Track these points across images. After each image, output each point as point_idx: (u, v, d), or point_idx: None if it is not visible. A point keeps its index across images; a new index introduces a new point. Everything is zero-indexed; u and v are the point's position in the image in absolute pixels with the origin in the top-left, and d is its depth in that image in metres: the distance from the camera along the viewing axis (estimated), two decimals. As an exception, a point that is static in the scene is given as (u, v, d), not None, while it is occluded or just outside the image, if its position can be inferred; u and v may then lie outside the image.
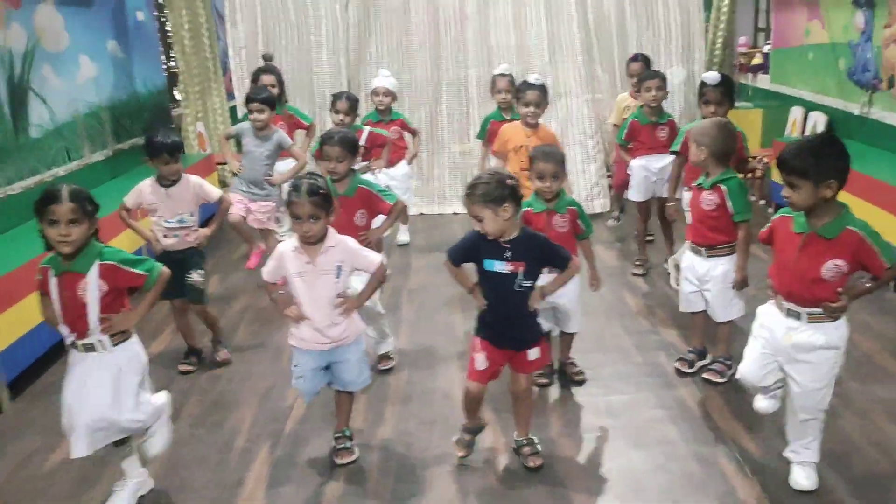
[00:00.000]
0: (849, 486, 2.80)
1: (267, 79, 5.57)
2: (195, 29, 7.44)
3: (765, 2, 7.79)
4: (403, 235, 6.04)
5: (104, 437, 2.77)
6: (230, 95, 7.96)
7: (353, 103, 5.09)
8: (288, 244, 2.97)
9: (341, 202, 3.52)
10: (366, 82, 6.67)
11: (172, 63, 7.63)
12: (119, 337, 2.74)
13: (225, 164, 6.19)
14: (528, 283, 2.86)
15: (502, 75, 5.35)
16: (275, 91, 5.50)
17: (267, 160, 5.06)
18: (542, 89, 4.47)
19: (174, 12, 7.26)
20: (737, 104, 7.52)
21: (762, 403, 2.92)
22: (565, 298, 3.49)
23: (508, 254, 2.82)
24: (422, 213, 6.87)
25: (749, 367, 2.82)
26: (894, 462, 2.94)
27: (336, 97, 5.11)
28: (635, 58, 5.79)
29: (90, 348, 2.72)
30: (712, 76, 4.28)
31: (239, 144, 5.21)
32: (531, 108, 4.42)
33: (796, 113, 6.60)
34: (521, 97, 4.48)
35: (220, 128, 7.58)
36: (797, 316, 2.66)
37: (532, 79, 4.54)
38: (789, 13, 6.77)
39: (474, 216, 2.82)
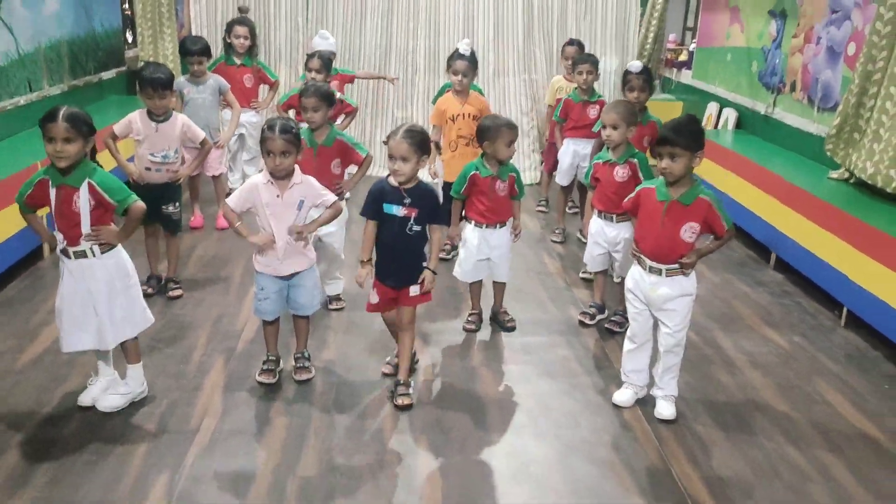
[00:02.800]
0: (710, 413, 3.40)
1: (241, 30, 5.85)
2: (152, -27, 7.59)
3: (694, 3, 8.41)
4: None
5: (92, 339, 3.11)
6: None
7: (327, 62, 5.36)
8: (259, 177, 3.36)
9: (319, 151, 3.94)
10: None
11: (127, 6, 7.76)
12: (106, 246, 3.09)
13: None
14: (417, 228, 3.33)
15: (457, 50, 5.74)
16: (247, 43, 5.82)
17: (209, 106, 5.36)
18: (472, 59, 4.86)
19: (134, -45, 7.39)
20: (661, 96, 8.18)
21: (621, 397, 3.44)
22: (498, 251, 4.03)
23: (407, 200, 3.29)
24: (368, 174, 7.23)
25: (633, 328, 3.39)
26: (748, 395, 3.57)
27: (310, 56, 5.39)
28: (571, 42, 6.28)
29: (81, 255, 3.06)
30: (636, 65, 4.80)
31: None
32: (459, 77, 4.82)
33: (712, 108, 7.24)
34: (451, 66, 4.85)
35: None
36: (658, 272, 3.22)
37: (462, 48, 4.90)
38: (714, 16, 7.40)
39: (400, 156, 3.22)
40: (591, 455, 3.08)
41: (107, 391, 3.26)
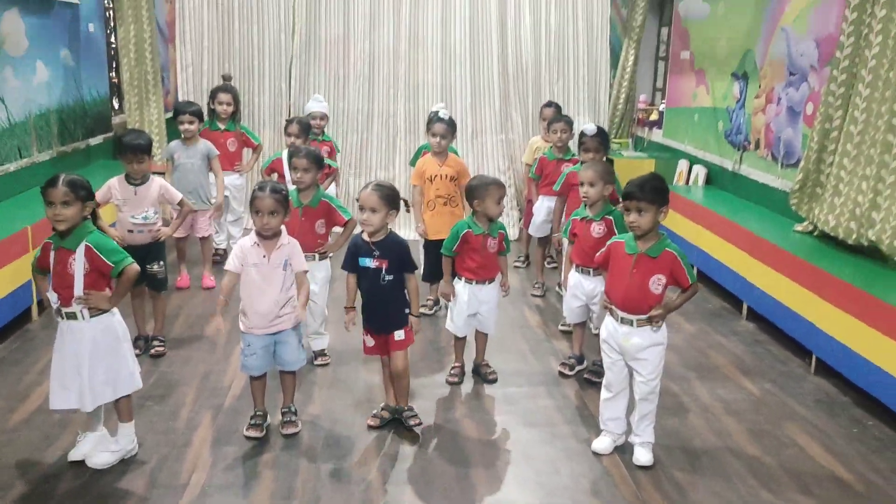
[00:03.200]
0: (686, 458, 3.51)
1: (224, 97, 6.07)
2: (139, 43, 7.83)
3: (663, 66, 8.78)
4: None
5: (76, 398, 3.20)
6: (167, 109, 8.37)
7: (305, 127, 5.57)
8: (247, 240, 3.51)
9: (305, 211, 4.11)
10: (304, 106, 7.21)
11: (114, 74, 7.99)
12: (95, 311, 3.20)
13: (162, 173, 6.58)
14: (389, 277, 3.54)
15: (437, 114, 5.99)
16: (230, 109, 6.03)
17: (199, 170, 5.54)
18: (450, 123, 5.12)
19: (123, 26, 7.64)
20: (634, 154, 8.48)
21: (600, 445, 3.56)
22: (486, 306, 4.19)
23: (376, 252, 3.53)
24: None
25: (608, 377, 3.53)
26: (722, 441, 3.69)
27: (289, 122, 5.62)
28: (549, 104, 6.55)
29: (72, 316, 3.17)
30: (590, 128, 5.02)
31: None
32: (437, 139, 5.04)
33: (683, 165, 7.52)
34: (430, 128, 5.10)
35: (156, 138, 7.94)
36: (630, 323, 3.37)
37: (441, 113, 5.17)
38: (681, 78, 7.74)
39: (369, 207, 3.46)
40: (571, 500, 3.18)
41: (97, 448, 3.32)
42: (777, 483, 3.33)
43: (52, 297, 3.18)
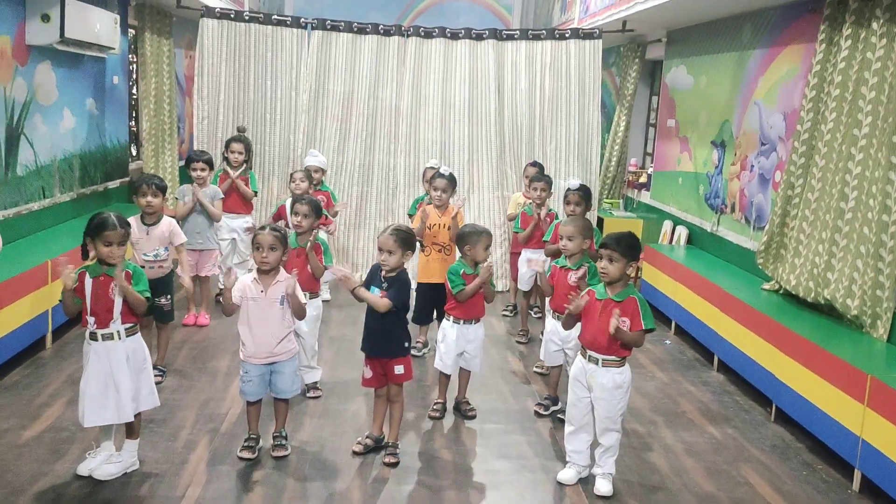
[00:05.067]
0: (644, 491, 3.81)
1: (237, 146, 6.53)
2: (159, 95, 8.38)
3: (652, 132, 9.26)
4: (325, 294, 6.93)
5: (113, 414, 3.54)
6: (181, 157, 8.88)
7: (308, 174, 6.15)
8: (248, 276, 3.88)
9: (300, 253, 4.50)
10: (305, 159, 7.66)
11: (133, 123, 8.51)
12: (131, 329, 3.58)
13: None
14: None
15: (431, 168, 6.43)
16: (241, 157, 6.51)
17: (207, 213, 5.95)
18: (451, 178, 5.56)
19: (145, 79, 8.19)
20: (623, 214, 8.88)
21: (564, 475, 3.86)
22: (473, 345, 4.56)
23: (384, 284, 3.92)
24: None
25: (570, 412, 3.85)
26: (680, 478, 3.98)
27: (294, 172, 6.20)
28: (533, 163, 6.99)
29: (109, 337, 3.53)
30: (574, 183, 5.45)
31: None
32: (439, 193, 5.48)
33: (667, 225, 7.91)
34: (433, 183, 5.55)
35: (170, 184, 8.39)
36: (596, 361, 3.71)
37: (442, 170, 5.65)
38: (667, 144, 8.19)
39: (387, 249, 3.86)
40: (534, 524, 3.47)
41: (104, 461, 3.64)
42: (725, 516, 3.62)
43: (90, 320, 3.52)
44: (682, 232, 7.53)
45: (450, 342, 4.53)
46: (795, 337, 4.64)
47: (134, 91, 8.55)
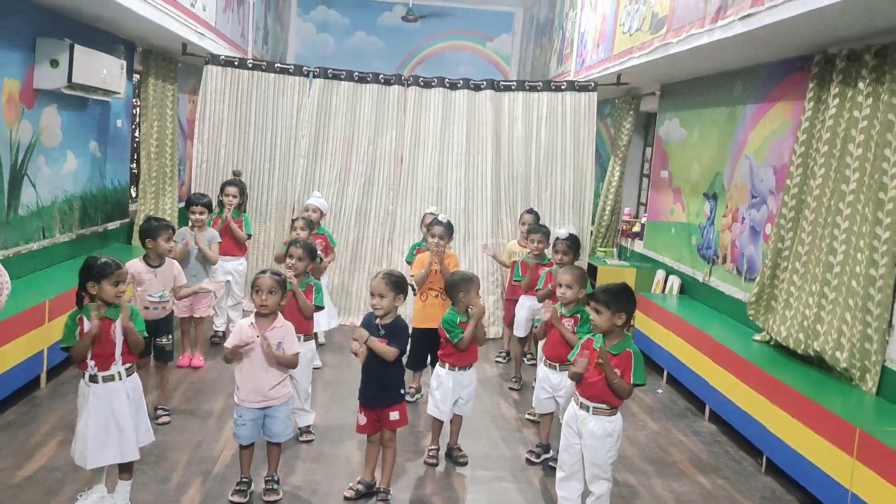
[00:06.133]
0: (637, 543, 3.82)
1: (231, 189, 6.63)
2: (161, 139, 8.51)
3: (646, 182, 9.40)
4: (317, 361, 6.38)
5: (115, 453, 3.58)
6: (180, 199, 8.99)
7: (309, 223, 6.21)
8: (245, 320, 3.93)
9: (290, 295, 4.54)
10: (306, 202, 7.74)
11: (134, 165, 8.62)
12: (130, 369, 3.63)
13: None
14: None
15: (431, 213, 6.53)
16: (236, 201, 6.60)
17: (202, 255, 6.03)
18: (448, 226, 5.66)
19: (147, 122, 8.33)
20: (617, 262, 8.96)
21: None
22: (467, 390, 4.61)
23: (382, 332, 3.95)
24: (341, 325, 7.76)
25: (562, 457, 3.89)
26: (673, 531, 4.00)
27: (294, 220, 6.30)
28: (530, 211, 7.10)
29: (110, 378, 3.58)
30: (562, 232, 5.56)
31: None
32: (436, 240, 5.56)
33: (660, 275, 7.99)
34: (431, 230, 5.64)
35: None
36: (587, 409, 3.75)
37: (441, 217, 5.75)
38: (660, 195, 8.32)
39: (378, 293, 3.91)
40: (524, 573, 3.47)
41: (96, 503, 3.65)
42: (715, 567, 3.63)
43: (90, 363, 3.56)
44: (674, 281, 7.61)
45: (446, 389, 4.56)
46: (785, 388, 4.68)
47: (136, 134, 8.68)
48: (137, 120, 8.65)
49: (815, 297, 4.93)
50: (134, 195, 8.69)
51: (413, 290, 5.49)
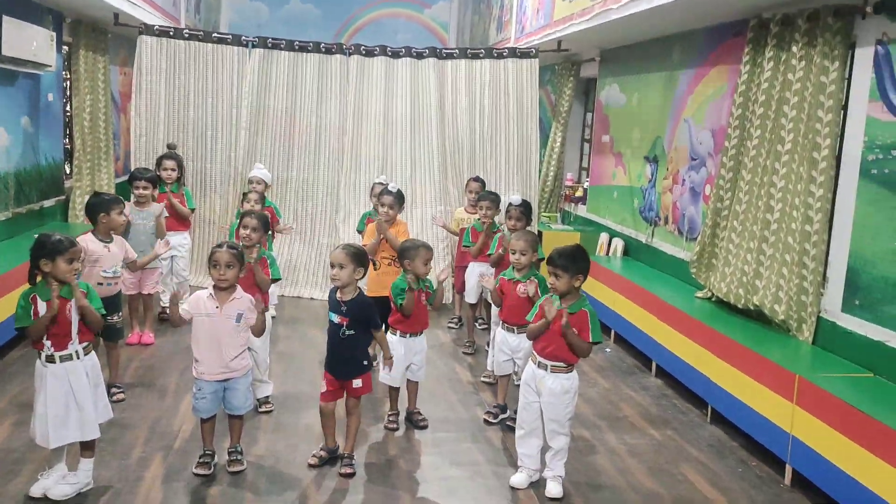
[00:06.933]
0: (592, 492, 3.98)
1: (169, 163, 6.49)
2: (94, 112, 8.25)
3: (588, 147, 9.57)
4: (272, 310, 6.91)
5: (76, 432, 3.54)
6: (117, 174, 8.76)
7: (261, 197, 6.19)
8: (203, 292, 3.91)
9: (248, 267, 4.51)
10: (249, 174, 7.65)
11: (67, 140, 8.35)
12: (88, 348, 3.59)
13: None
14: (350, 332, 4.00)
15: (380, 183, 6.53)
16: (175, 174, 6.47)
17: (150, 231, 5.93)
18: (399, 195, 5.68)
19: (78, 96, 8.06)
20: (561, 227, 9.13)
21: (516, 479, 4.01)
22: (419, 356, 4.67)
23: (344, 308, 3.98)
24: (284, 295, 7.74)
25: (521, 415, 4.00)
26: (625, 477, 4.18)
27: (247, 193, 6.21)
28: (476, 179, 7.17)
29: (68, 358, 3.52)
30: (516, 199, 5.67)
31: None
32: (386, 209, 5.60)
33: (604, 238, 8.18)
34: (381, 199, 5.66)
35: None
36: (545, 367, 3.87)
37: (390, 186, 5.78)
38: (602, 159, 8.48)
39: (338, 263, 3.93)
40: (489, 527, 3.59)
41: (58, 482, 3.60)
42: (669, 512, 3.82)
43: (47, 344, 3.49)
44: (618, 244, 7.80)
45: (398, 356, 4.61)
46: (727, 341, 4.90)
47: (68, 108, 8.39)
48: (68, 94, 8.36)
49: (753, 254, 5.14)
50: (69, 171, 8.43)
51: (374, 264, 5.52)
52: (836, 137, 4.57)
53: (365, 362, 4.10)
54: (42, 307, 3.48)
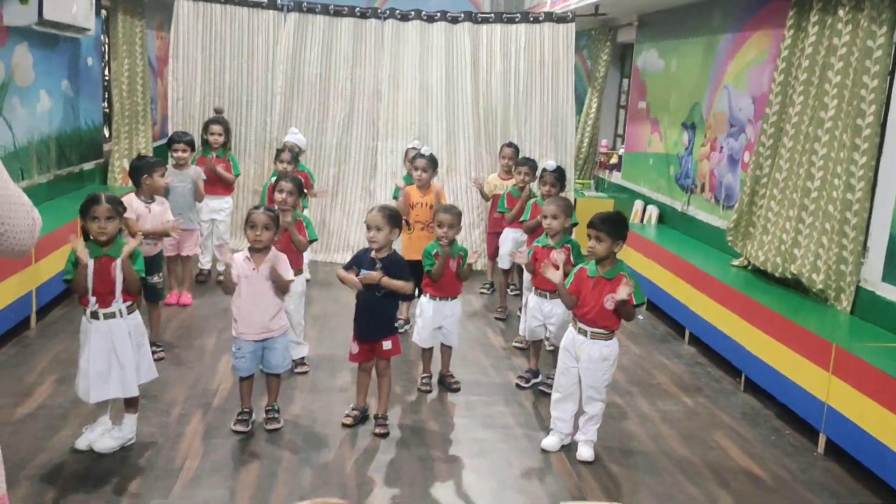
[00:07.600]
0: (623, 456, 4.00)
1: (216, 128, 6.56)
2: (132, 76, 8.32)
3: (623, 114, 9.45)
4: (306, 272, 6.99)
5: (117, 388, 3.64)
6: (154, 138, 8.86)
7: (295, 156, 6.16)
8: (241, 254, 3.97)
9: (283, 229, 4.57)
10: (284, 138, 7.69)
11: (106, 104, 8.45)
12: (131, 307, 3.67)
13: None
14: (386, 291, 4.01)
15: (413, 148, 6.54)
16: (221, 139, 6.55)
17: (189, 193, 6.01)
18: (432, 159, 5.71)
19: (117, 60, 8.13)
20: (595, 194, 9.07)
21: (548, 442, 4.04)
22: (450, 320, 4.70)
23: (379, 266, 3.99)
24: (321, 260, 7.82)
25: (559, 380, 4.03)
26: (656, 443, 4.19)
27: (280, 150, 6.21)
28: (509, 144, 7.11)
29: (111, 315, 3.61)
30: (550, 164, 5.63)
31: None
32: (419, 173, 5.63)
33: (638, 205, 8.11)
34: (414, 163, 5.70)
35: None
36: (585, 333, 3.88)
37: (424, 150, 5.79)
38: (638, 126, 8.38)
39: (374, 226, 3.95)
40: (521, 489, 3.65)
41: (102, 436, 3.72)
42: (700, 478, 3.83)
43: (92, 300, 3.58)
44: (652, 211, 7.74)
45: (427, 317, 4.67)
46: (763, 310, 4.85)
47: (106, 73, 8.48)
48: (106, 58, 8.44)
49: (792, 223, 5.07)
50: (107, 135, 8.55)
51: (408, 224, 5.55)
52: (882, 104, 4.47)
53: (395, 324, 4.13)
54: (90, 265, 3.56)
